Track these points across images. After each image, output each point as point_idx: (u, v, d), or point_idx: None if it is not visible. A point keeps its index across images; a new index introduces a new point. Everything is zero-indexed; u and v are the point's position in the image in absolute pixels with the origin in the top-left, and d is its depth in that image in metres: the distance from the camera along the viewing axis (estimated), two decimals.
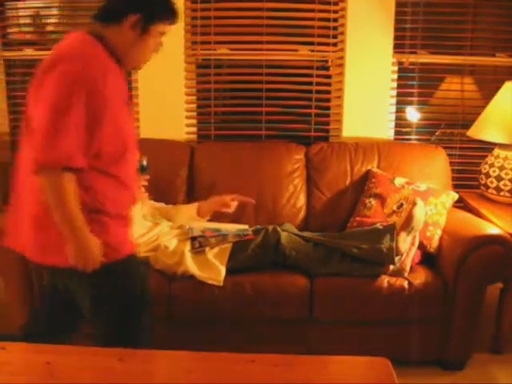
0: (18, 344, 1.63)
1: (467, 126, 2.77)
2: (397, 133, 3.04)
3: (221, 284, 2.13)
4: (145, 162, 2.29)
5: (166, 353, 1.64)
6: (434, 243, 2.33)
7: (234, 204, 2.37)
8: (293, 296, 2.15)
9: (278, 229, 2.31)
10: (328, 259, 2.19)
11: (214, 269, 2.15)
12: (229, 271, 2.16)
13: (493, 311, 2.37)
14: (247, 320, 2.18)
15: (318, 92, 3.00)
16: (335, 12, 2.89)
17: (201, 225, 2.41)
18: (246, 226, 2.44)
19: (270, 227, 2.31)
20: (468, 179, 2.94)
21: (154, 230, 2.33)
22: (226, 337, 2.21)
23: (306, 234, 2.37)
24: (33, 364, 1.52)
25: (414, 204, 2.16)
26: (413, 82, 3.00)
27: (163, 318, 2.17)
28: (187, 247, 2.23)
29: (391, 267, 2.16)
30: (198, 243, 2.24)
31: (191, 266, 2.17)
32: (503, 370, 2.27)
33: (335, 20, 2.90)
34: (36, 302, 2.14)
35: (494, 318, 2.37)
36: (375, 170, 2.66)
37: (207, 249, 2.23)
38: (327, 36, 2.93)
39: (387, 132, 2.98)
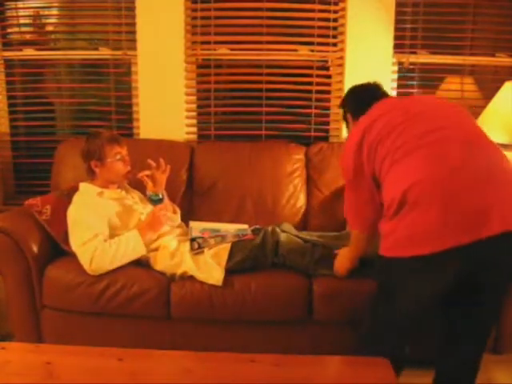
0: (18, 344, 1.64)
1: None
2: None
3: (220, 284, 2.13)
4: (160, 196, 2.44)
5: (166, 353, 1.65)
6: None
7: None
8: (292, 296, 2.14)
9: (278, 230, 2.31)
10: (326, 261, 2.19)
11: (212, 269, 2.15)
12: (228, 272, 2.16)
13: None
14: (247, 320, 2.18)
15: (317, 92, 3.01)
16: (335, 12, 2.89)
17: (200, 225, 2.42)
18: (245, 226, 2.44)
19: (270, 228, 2.31)
20: None
21: None
22: (226, 337, 2.21)
23: (304, 234, 2.37)
24: (33, 364, 1.52)
25: None
26: (413, 82, 3.01)
27: (163, 318, 2.18)
28: (186, 248, 2.23)
29: None
30: (197, 244, 2.24)
31: (190, 266, 2.18)
32: (503, 370, 2.27)
33: (335, 20, 2.91)
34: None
35: None
36: None
37: (206, 249, 2.23)
38: (327, 36, 2.93)
39: None
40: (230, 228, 2.40)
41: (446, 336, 1.82)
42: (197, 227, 2.37)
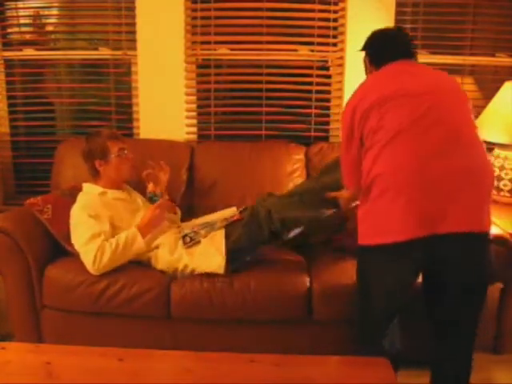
0: (18, 344, 1.64)
1: None
2: None
3: (222, 271, 2.13)
4: (160, 195, 2.47)
5: (167, 353, 1.65)
6: None
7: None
8: (292, 295, 2.15)
9: (264, 198, 2.32)
10: (321, 202, 2.20)
11: (212, 256, 2.16)
12: (230, 252, 2.15)
13: (493, 311, 2.37)
14: (247, 320, 2.18)
15: (317, 92, 3.01)
16: (335, 12, 2.89)
17: (191, 223, 2.45)
18: (233, 209, 2.47)
19: (256, 203, 2.31)
20: None
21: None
22: (226, 337, 2.21)
23: (287, 191, 2.41)
24: (33, 364, 1.53)
25: None
26: None
27: (163, 317, 2.18)
28: (181, 244, 2.25)
29: None
30: (189, 238, 2.27)
31: (190, 259, 2.19)
32: (503, 370, 2.27)
33: (335, 20, 2.91)
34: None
35: (494, 317, 2.37)
36: None
37: (201, 239, 2.25)
38: (327, 36, 2.93)
39: None
40: (219, 216, 2.43)
41: (434, 336, 1.83)
42: (187, 225, 2.42)
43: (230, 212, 2.45)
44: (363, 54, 1.98)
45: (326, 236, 2.43)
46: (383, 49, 1.88)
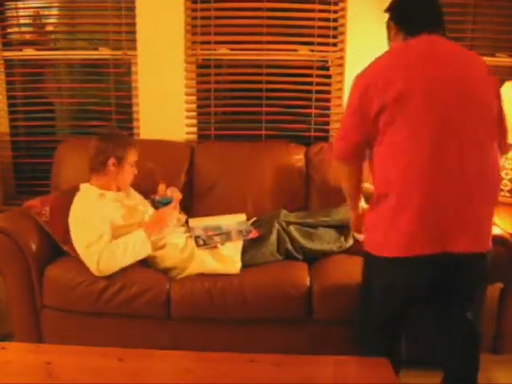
0: (18, 344, 1.64)
1: None
2: None
3: (237, 272, 2.18)
4: (169, 199, 2.44)
5: (167, 353, 1.65)
6: None
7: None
8: (292, 296, 2.14)
9: (284, 224, 2.37)
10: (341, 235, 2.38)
11: (228, 259, 2.21)
12: (243, 266, 2.21)
13: (493, 311, 2.37)
14: (247, 320, 2.18)
15: (317, 92, 3.01)
16: (335, 12, 2.89)
17: (200, 223, 2.45)
18: (243, 216, 2.51)
19: (275, 224, 2.35)
20: None
21: None
22: (225, 337, 2.21)
23: (308, 220, 2.46)
24: (33, 364, 1.53)
25: None
26: None
27: (163, 317, 2.18)
28: (194, 244, 2.27)
29: None
30: (202, 241, 2.28)
31: (205, 259, 2.21)
32: (503, 370, 2.27)
33: (335, 20, 2.91)
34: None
35: (494, 317, 2.37)
36: None
37: (219, 245, 2.28)
38: (327, 36, 2.93)
39: None
40: (230, 221, 2.45)
41: (434, 336, 1.83)
42: (198, 225, 2.42)
43: (240, 219, 2.49)
44: (387, 16, 1.77)
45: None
46: (413, 10, 1.72)
